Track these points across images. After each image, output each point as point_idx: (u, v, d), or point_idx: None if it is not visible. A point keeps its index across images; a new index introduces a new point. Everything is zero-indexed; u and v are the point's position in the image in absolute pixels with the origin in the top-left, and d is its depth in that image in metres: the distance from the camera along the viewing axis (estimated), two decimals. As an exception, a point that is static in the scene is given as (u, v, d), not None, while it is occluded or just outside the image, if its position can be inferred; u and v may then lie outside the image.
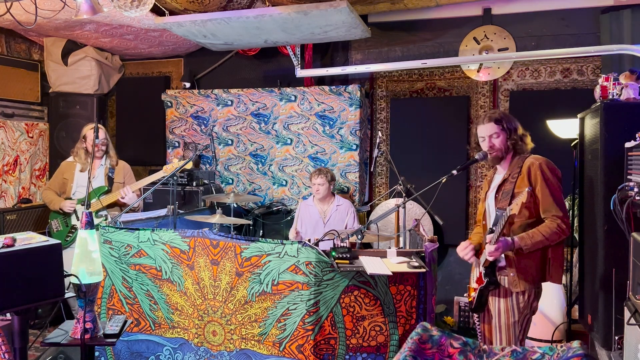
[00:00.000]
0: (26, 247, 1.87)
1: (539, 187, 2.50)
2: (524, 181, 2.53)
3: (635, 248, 2.18)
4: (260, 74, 5.33)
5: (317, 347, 2.68)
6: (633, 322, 2.02)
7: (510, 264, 2.53)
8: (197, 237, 2.94)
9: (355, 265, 2.65)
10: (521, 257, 2.51)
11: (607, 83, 2.87)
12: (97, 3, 2.95)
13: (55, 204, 4.11)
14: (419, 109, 4.76)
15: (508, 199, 2.52)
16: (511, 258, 2.53)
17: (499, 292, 2.60)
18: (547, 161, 2.57)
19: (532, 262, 2.52)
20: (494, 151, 2.63)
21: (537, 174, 2.51)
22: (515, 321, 2.54)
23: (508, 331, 2.54)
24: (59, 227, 4.17)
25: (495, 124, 2.62)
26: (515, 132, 2.62)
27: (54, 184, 4.22)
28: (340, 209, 4.08)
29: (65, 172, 4.19)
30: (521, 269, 2.51)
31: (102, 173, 4.16)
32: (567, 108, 3.76)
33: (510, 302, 2.54)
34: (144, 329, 3.09)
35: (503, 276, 2.57)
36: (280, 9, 3.80)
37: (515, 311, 2.54)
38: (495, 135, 2.62)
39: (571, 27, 4.33)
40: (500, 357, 1.77)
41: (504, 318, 2.56)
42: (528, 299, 2.53)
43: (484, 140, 2.66)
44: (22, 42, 5.22)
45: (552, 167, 2.56)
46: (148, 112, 5.53)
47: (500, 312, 2.58)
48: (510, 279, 2.53)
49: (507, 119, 2.64)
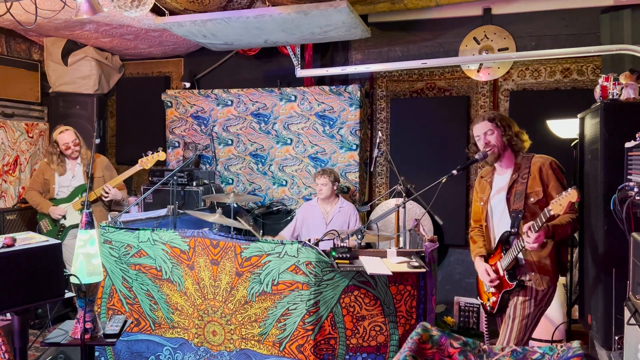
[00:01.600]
0: (26, 247, 1.88)
1: (552, 185, 2.57)
2: (535, 181, 2.58)
3: (635, 248, 2.18)
4: (260, 74, 5.33)
5: (317, 347, 2.68)
6: (633, 322, 2.03)
7: (531, 265, 2.59)
8: (197, 237, 2.94)
9: (355, 265, 2.65)
10: (539, 256, 2.58)
11: (607, 83, 2.86)
12: (97, 3, 2.95)
13: (42, 208, 4.17)
14: (419, 109, 4.76)
15: (522, 200, 2.56)
16: (530, 260, 2.59)
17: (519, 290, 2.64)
18: (554, 160, 2.66)
19: (549, 259, 2.59)
20: (491, 147, 2.67)
21: (549, 173, 2.58)
22: (530, 313, 2.58)
23: (521, 322, 2.57)
24: (47, 227, 4.20)
25: (488, 121, 2.69)
26: (510, 129, 2.68)
27: (37, 184, 4.25)
28: (343, 210, 4.09)
29: (45, 173, 4.23)
30: (541, 268, 2.58)
31: (80, 171, 4.21)
32: (567, 108, 3.76)
33: (529, 295, 2.59)
34: (144, 329, 3.09)
35: (526, 276, 2.61)
36: (280, 9, 3.80)
37: (532, 304, 2.58)
38: (490, 132, 2.68)
39: (571, 27, 4.33)
40: (500, 357, 1.76)
41: (520, 309, 2.59)
42: (547, 294, 2.59)
43: (480, 138, 2.71)
44: (22, 42, 5.22)
45: (559, 164, 2.66)
46: (148, 112, 5.53)
47: (516, 304, 2.61)
48: (534, 279, 2.58)
49: (499, 117, 2.72)
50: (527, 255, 2.59)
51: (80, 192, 4.15)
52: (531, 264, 2.59)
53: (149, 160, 4.09)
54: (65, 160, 4.19)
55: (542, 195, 2.56)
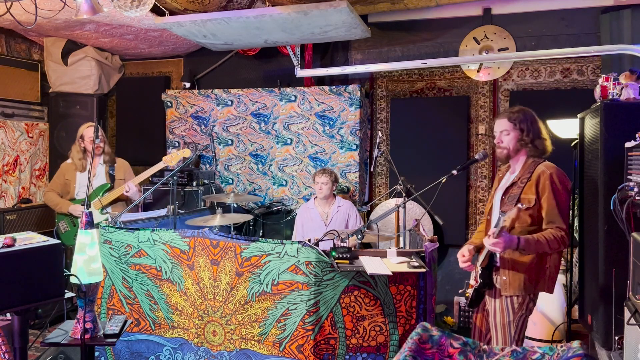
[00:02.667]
0: (26, 247, 1.87)
1: (546, 196, 2.48)
2: (531, 188, 2.51)
3: (635, 248, 2.18)
4: (260, 74, 5.33)
5: (317, 347, 2.68)
6: (633, 322, 2.02)
7: (505, 266, 2.52)
8: (197, 237, 2.94)
9: (355, 265, 2.65)
10: (516, 261, 2.51)
11: (607, 83, 2.86)
12: (97, 3, 2.95)
13: (62, 207, 4.15)
14: (419, 109, 4.76)
15: (513, 204, 2.51)
16: (507, 261, 2.52)
17: (494, 292, 2.60)
18: (558, 171, 2.54)
19: (526, 269, 2.50)
20: (500, 148, 2.64)
21: (546, 183, 2.48)
22: (510, 321, 2.53)
23: (503, 330, 2.55)
24: (66, 227, 4.19)
25: (508, 121, 2.62)
26: (528, 134, 2.59)
27: (56, 186, 4.23)
28: (342, 209, 4.08)
29: (66, 173, 4.21)
30: (514, 273, 2.50)
31: (103, 171, 4.19)
32: (567, 108, 3.76)
33: (505, 303, 2.54)
34: (144, 329, 3.09)
35: (497, 277, 2.57)
36: (280, 9, 3.80)
37: (510, 311, 2.53)
38: (506, 132, 2.62)
39: (571, 27, 4.33)
40: (500, 357, 1.77)
41: (499, 317, 2.56)
42: (523, 300, 2.52)
43: (496, 135, 2.68)
44: (22, 42, 5.22)
45: (562, 178, 2.53)
46: (148, 112, 5.53)
47: (495, 311, 2.58)
48: (502, 282, 2.53)
49: (522, 118, 2.61)
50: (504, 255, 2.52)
51: (100, 191, 4.11)
52: (505, 264, 2.52)
53: (173, 157, 3.98)
54: (87, 158, 4.15)
55: (534, 204, 2.49)
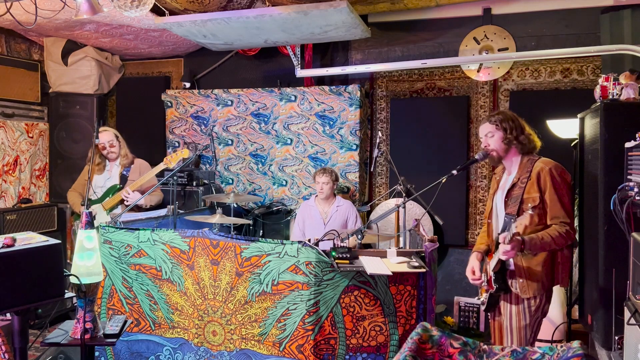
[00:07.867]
0: (26, 247, 1.87)
1: (548, 193, 2.48)
2: (533, 187, 2.51)
3: (635, 248, 2.18)
4: (260, 74, 5.33)
5: (317, 347, 2.68)
6: (633, 322, 2.02)
7: (520, 270, 2.53)
8: (197, 237, 2.94)
9: (355, 265, 2.65)
10: (530, 263, 2.51)
11: (607, 83, 2.86)
12: (97, 3, 2.95)
13: (75, 208, 4.22)
14: (419, 109, 4.76)
15: (517, 204, 2.52)
16: (520, 265, 2.53)
17: (510, 296, 2.59)
18: (556, 166, 2.55)
19: (540, 267, 2.51)
20: (489, 150, 2.66)
21: (547, 179, 2.49)
22: (527, 324, 2.54)
23: (519, 333, 2.54)
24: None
25: (490, 123, 2.65)
26: (512, 131, 2.60)
27: (78, 186, 4.29)
28: (341, 209, 4.08)
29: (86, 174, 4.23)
30: (530, 275, 2.51)
31: (117, 172, 4.21)
32: (567, 108, 3.76)
33: (522, 306, 2.54)
34: (144, 329, 3.09)
35: (513, 281, 2.56)
36: (280, 9, 3.80)
37: (527, 314, 2.53)
38: (490, 134, 2.65)
39: (571, 27, 4.33)
40: (500, 357, 1.77)
41: (515, 321, 2.56)
42: (540, 303, 2.53)
43: (482, 140, 2.71)
44: (22, 42, 5.22)
45: (561, 172, 2.54)
46: (148, 112, 5.52)
47: (511, 315, 2.58)
48: (520, 285, 2.52)
49: (502, 118, 2.63)
50: (517, 260, 2.53)
51: (111, 192, 4.12)
52: (520, 269, 2.53)
53: (172, 158, 3.96)
54: (105, 161, 4.20)
55: (538, 202, 2.49)
